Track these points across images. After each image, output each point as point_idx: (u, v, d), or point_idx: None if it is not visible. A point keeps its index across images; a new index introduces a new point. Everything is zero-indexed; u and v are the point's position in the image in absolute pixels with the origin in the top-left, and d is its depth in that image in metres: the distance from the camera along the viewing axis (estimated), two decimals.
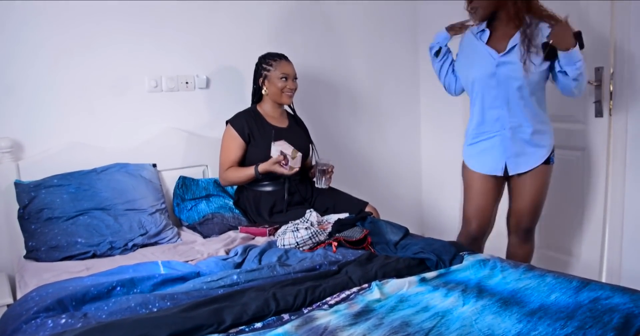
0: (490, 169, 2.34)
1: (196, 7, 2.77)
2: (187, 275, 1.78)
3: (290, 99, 2.61)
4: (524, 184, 2.33)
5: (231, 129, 2.55)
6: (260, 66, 2.62)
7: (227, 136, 2.57)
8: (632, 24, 2.39)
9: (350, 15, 3.30)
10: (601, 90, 2.55)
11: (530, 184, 2.32)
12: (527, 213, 2.37)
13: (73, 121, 2.52)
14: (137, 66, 2.66)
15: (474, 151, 2.38)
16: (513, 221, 2.43)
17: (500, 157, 2.31)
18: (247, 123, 2.55)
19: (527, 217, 2.38)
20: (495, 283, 1.66)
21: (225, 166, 2.55)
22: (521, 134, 2.27)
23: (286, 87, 2.56)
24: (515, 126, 2.26)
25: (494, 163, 2.33)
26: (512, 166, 2.31)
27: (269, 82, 2.58)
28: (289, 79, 2.57)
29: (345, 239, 2.06)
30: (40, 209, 2.23)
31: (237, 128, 2.54)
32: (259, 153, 2.53)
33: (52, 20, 2.43)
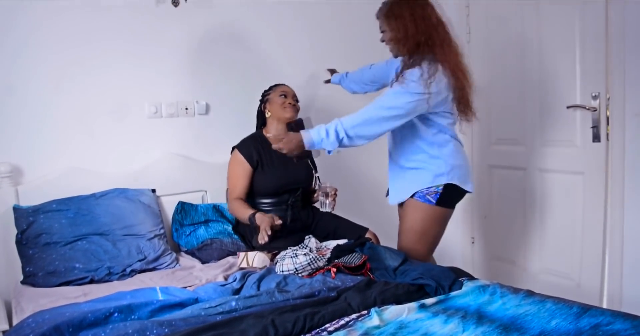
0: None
1: (196, 33, 2.81)
2: (185, 301, 1.77)
3: (293, 113, 2.59)
4: (404, 210, 2.38)
5: (238, 155, 2.54)
6: (262, 95, 2.69)
7: (233, 162, 2.56)
8: (627, 50, 2.42)
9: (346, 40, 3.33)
10: (598, 115, 2.57)
11: (406, 213, 2.36)
12: (400, 235, 2.39)
13: (72, 146, 2.54)
14: (137, 91, 2.68)
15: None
16: None
17: (390, 185, 2.48)
18: (255, 148, 2.55)
19: (400, 240, 2.39)
20: (495, 309, 1.65)
21: (233, 195, 2.53)
22: (396, 166, 2.40)
23: (285, 102, 2.58)
24: (390, 155, 2.44)
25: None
26: (391, 195, 2.44)
27: (270, 104, 2.62)
28: (288, 96, 2.61)
29: (344, 265, 2.05)
30: (38, 234, 2.23)
31: (244, 153, 2.54)
32: (266, 178, 2.54)
33: (51, 45, 2.46)
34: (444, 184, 2.26)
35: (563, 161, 2.81)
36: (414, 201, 2.31)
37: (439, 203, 2.27)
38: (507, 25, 3.04)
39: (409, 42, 2.20)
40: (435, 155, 2.28)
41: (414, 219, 2.33)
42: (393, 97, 2.14)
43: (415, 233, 2.35)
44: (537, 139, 2.95)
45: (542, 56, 2.86)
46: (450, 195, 2.30)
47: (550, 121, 2.86)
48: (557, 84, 2.79)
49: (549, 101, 2.84)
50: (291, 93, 2.64)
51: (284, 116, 2.59)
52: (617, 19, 2.44)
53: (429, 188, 2.27)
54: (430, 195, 2.27)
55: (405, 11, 2.19)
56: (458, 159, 2.31)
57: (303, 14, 3.17)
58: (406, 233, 2.37)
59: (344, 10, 3.31)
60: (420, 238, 2.35)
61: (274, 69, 2.99)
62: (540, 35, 2.85)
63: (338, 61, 3.30)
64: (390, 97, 2.15)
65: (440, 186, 2.26)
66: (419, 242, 2.36)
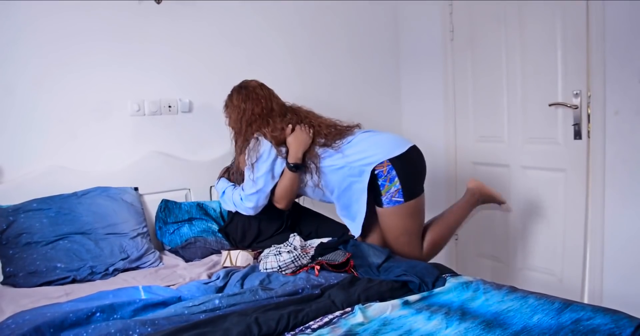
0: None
1: (179, 30, 2.79)
2: (169, 300, 1.76)
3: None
4: (381, 222, 2.36)
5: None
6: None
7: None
8: (608, 49, 2.45)
9: (332, 41, 3.34)
10: (579, 113, 2.60)
11: (384, 223, 2.34)
12: (392, 247, 2.35)
13: (54, 145, 2.50)
14: (120, 89, 2.66)
15: None
16: None
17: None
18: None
19: (394, 250, 2.34)
20: (478, 305, 1.66)
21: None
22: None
23: None
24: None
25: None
26: (351, 228, 2.43)
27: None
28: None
29: (328, 263, 2.05)
30: (18, 234, 2.19)
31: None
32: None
33: (33, 43, 2.43)
34: (397, 177, 2.24)
35: (545, 158, 2.84)
36: (384, 209, 2.29)
37: (406, 198, 2.26)
38: (490, 24, 3.06)
39: (236, 127, 2.40)
40: (332, 181, 2.33)
41: (394, 226, 2.31)
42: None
43: (402, 236, 2.32)
44: (520, 137, 2.97)
45: (524, 54, 2.88)
46: (407, 183, 2.25)
47: (532, 118, 2.89)
48: (539, 82, 2.82)
49: (531, 99, 2.87)
50: None
51: None
52: (597, 18, 2.47)
53: (389, 191, 2.25)
54: (395, 196, 2.25)
55: (231, 100, 2.45)
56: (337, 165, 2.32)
57: (287, 12, 3.16)
58: (396, 240, 2.33)
59: (333, 10, 3.33)
60: (411, 236, 2.34)
61: (258, 66, 2.99)
62: (522, 34, 2.87)
63: (321, 59, 3.31)
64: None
65: (396, 182, 2.23)
66: (411, 240, 2.35)
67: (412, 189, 2.28)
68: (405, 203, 2.26)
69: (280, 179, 2.38)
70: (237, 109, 2.40)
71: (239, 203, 2.40)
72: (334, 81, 3.35)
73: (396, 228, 2.31)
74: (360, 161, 2.27)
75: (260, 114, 2.36)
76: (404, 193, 2.25)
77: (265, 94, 2.41)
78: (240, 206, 2.41)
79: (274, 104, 2.41)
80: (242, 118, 2.37)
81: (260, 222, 2.52)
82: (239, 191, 2.41)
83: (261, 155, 2.31)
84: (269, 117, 2.37)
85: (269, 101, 2.40)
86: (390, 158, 2.25)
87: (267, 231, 2.52)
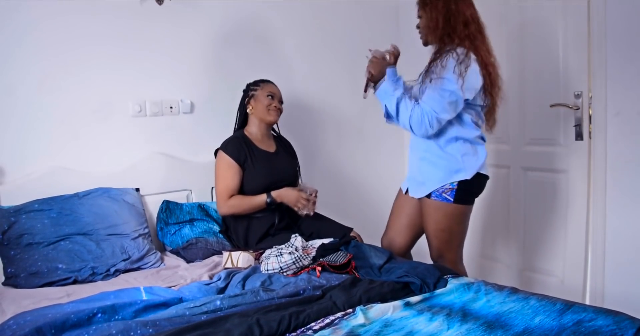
0: (403, 184, 2.49)
1: (180, 31, 2.79)
2: (170, 301, 1.76)
3: (276, 117, 2.62)
4: (424, 211, 2.35)
5: (226, 157, 2.51)
6: (247, 88, 2.67)
7: (222, 164, 2.52)
8: (609, 49, 2.45)
9: (333, 41, 3.34)
10: (581, 114, 2.59)
11: (428, 213, 2.32)
12: (429, 239, 2.37)
13: (56, 146, 2.51)
14: (121, 90, 2.66)
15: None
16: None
17: (407, 177, 2.47)
18: (241, 149, 2.54)
19: (430, 243, 2.38)
20: (479, 306, 1.66)
21: (226, 195, 2.50)
22: (413, 158, 2.38)
23: (272, 105, 2.58)
24: (413, 149, 2.39)
25: (405, 181, 2.48)
26: (410, 187, 2.42)
27: (255, 101, 2.60)
28: (275, 97, 2.60)
29: (329, 264, 2.05)
30: (20, 235, 2.20)
31: (231, 155, 2.51)
32: (252, 177, 2.52)
33: (36, 45, 2.43)
34: (457, 181, 2.23)
35: (546, 159, 2.83)
36: (431, 201, 2.28)
37: (456, 200, 2.25)
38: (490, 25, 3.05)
39: (438, 33, 2.22)
40: (452, 149, 2.24)
41: (436, 220, 2.30)
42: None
43: (443, 232, 2.32)
44: (521, 138, 2.97)
45: (525, 55, 2.88)
46: (466, 190, 2.26)
47: (533, 119, 2.89)
48: (540, 82, 2.82)
49: (533, 100, 2.86)
50: (278, 95, 2.64)
51: (267, 118, 2.59)
52: (598, 19, 2.47)
53: (444, 186, 2.24)
54: (446, 193, 2.25)
55: (440, 1, 2.21)
56: (474, 150, 2.27)
57: (290, 13, 3.16)
58: (435, 234, 2.33)
59: (334, 9, 3.32)
60: (449, 238, 2.33)
61: (260, 67, 2.99)
62: (523, 34, 2.87)
63: (328, 61, 3.31)
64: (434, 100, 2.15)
65: (455, 182, 2.23)
66: (449, 242, 2.34)
67: (464, 197, 2.27)
68: (453, 203, 2.25)
69: (250, 198, 2.48)
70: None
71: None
72: (335, 80, 3.35)
73: (438, 222, 2.30)
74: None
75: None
76: (456, 194, 2.24)
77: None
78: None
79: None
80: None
81: (258, 219, 2.53)
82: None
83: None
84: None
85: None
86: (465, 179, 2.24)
87: (269, 230, 2.52)
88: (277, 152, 2.66)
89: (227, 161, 2.51)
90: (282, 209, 2.54)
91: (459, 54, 2.13)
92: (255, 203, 2.48)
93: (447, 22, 2.19)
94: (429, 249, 2.41)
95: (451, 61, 2.13)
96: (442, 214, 2.28)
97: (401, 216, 2.48)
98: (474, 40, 2.19)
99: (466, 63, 2.13)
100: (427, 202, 2.30)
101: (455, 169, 2.23)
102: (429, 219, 2.32)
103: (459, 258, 2.43)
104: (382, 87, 2.24)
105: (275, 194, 2.47)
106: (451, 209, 2.26)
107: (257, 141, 2.61)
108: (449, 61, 2.13)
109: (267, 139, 2.67)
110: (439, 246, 2.35)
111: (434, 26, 2.22)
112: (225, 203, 2.50)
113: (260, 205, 2.48)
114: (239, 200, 2.49)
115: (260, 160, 2.55)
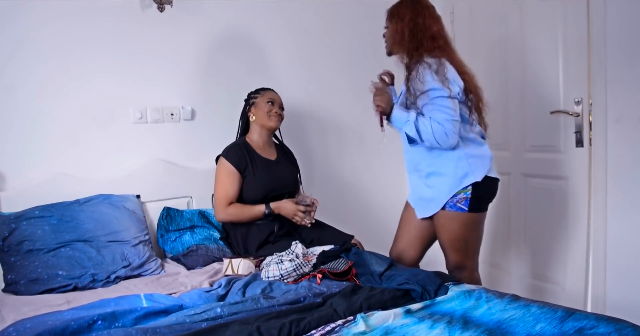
0: (409, 200, 2.47)
1: (181, 38, 2.80)
2: (170, 308, 1.75)
3: (277, 123, 2.62)
4: (437, 222, 2.32)
5: (227, 163, 2.52)
6: (248, 97, 2.68)
7: (222, 171, 2.53)
8: (608, 56, 2.46)
9: (334, 47, 3.34)
10: (581, 121, 2.60)
11: (441, 224, 2.30)
12: (446, 251, 2.36)
13: (57, 152, 2.51)
14: (122, 97, 2.67)
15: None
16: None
17: (412, 198, 2.44)
18: (242, 156, 2.54)
19: (447, 254, 2.36)
20: (480, 314, 1.65)
21: (225, 202, 2.50)
22: (414, 177, 2.37)
23: (272, 111, 2.59)
24: (412, 168, 2.37)
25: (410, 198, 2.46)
26: (417, 208, 2.39)
27: (255, 108, 2.62)
28: (275, 104, 2.61)
29: (330, 271, 2.05)
30: (20, 241, 2.19)
31: (232, 162, 2.52)
32: (253, 185, 2.53)
33: (36, 50, 2.44)
34: (471, 184, 2.21)
35: (547, 166, 2.83)
36: (445, 212, 2.25)
37: (471, 209, 2.22)
38: (491, 31, 3.07)
39: (405, 46, 2.22)
40: (456, 155, 2.22)
41: (452, 231, 2.28)
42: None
43: (459, 242, 2.30)
44: (521, 144, 2.97)
45: (525, 61, 2.89)
46: (480, 197, 2.24)
47: (534, 126, 2.89)
48: (540, 89, 2.82)
49: (533, 107, 2.87)
50: (278, 101, 2.65)
51: (268, 124, 2.60)
52: (598, 25, 2.48)
53: (457, 195, 2.22)
54: (461, 202, 2.22)
55: (407, 15, 2.22)
56: (478, 151, 2.26)
57: (291, 20, 3.17)
58: (451, 244, 2.31)
59: (334, 16, 3.33)
60: (466, 247, 2.32)
61: (260, 74, 3.00)
62: (523, 42, 2.88)
63: (328, 68, 3.32)
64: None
65: (468, 189, 2.21)
66: (466, 252, 2.33)
67: (478, 204, 2.25)
68: (467, 212, 2.23)
69: (248, 208, 2.48)
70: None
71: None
72: (336, 87, 3.35)
73: (453, 232, 2.28)
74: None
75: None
76: (471, 203, 2.22)
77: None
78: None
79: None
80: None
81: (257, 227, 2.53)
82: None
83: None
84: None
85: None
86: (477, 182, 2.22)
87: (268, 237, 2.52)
88: (278, 160, 2.67)
89: (227, 167, 2.51)
90: (281, 217, 2.54)
91: (431, 63, 2.14)
92: (253, 212, 2.48)
93: (414, 36, 2.20)
94: (446, 260, 2.39)
95: (426, 71, 2.13)
96: (456, 224, 2.26)
97: (410, 228, 2.45)
98: (443, 52, 2.21)
99: (443, 67, 2.13)
100: (440, 213, 2.28)
101: (463, 174, 2.21)
102: (443, 230, 2.30)
103: (475, 265, 2.42)
104: (395, 116, 2.21)
105: (273, 206, 2.47)
106: (465, 218, 2.24)
107: (258, 149, 2.61)
108: (424, 73, 2.13)
109: (269, 147, 2.67)
110: (456, 257, 2.33)
111: (400, 39, 2.23)
112: (223, 210, 2.50)
113: (258, 215, 2.48)
114: (237, 209, 2.50)
115: (260, 168, 2.55)
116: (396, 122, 2.22)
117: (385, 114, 2.22)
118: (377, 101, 2.21)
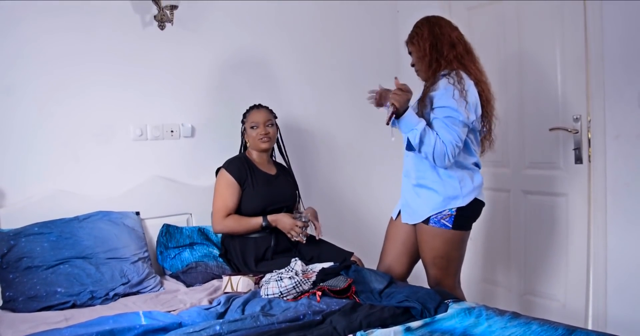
0: (394, 211, 2.47)
1: (181, 56, 2.82)
2: (169, 326, 1.74)
3: (268, 144, 2.63)
4: (420, 238, 2.33)
5: (227, 175, 2.53)
6: (242, 118, 2.71)
7: (222, 182, 2.54)
8: (607, 72, 2.47)
9: (333, 64, 3.36)
10: (580, 137, 2.60)
11: (424, 240, 2.31)
12: (427, 266, 2.35)
13: (56, 169, 2.52)
14: (123, 113, 2.68)
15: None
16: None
17: (400, 202, 2.44)
18: (242, 168, 2.56)
19: (428, 270, 2.36)
20: (480, 331, 1.65)
21: (223, 213, 2.51)
22: (407, 184, 2.38)
23: (258, 134, 2.60)
24: (407, 175, 2.38)
25: (397, 207, 2.46)
26: (403, 213, 2.40)
27: (246, 134, 2.65)
28: (259, 126, 2.61)
29: (330, 289, 2.04)
30: (19, 258, 2.19)
31: (233, 173, 2.53)
32: (252, 198, 2.53)
33: (36, 67, 2.46)
34: (456, 207, 2.23)
35: (546, 182, 2.84)
36: (429, 227, 2.27)
37: (455, 226, 2.23)
38: (489, 49, 3.08)
39: (426, 60, 2.25)
40: (450, 175, 2.24)
41: (434, 248, 2.28)
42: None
43: (441, 258, 2.29)
44: (521, 161, 2.98)
45: (524, 79, 2.91)
46: (464, 216, 2.25)
47: (533, 143, 2.89)
48: (539, 106, 2.83)
49: (532, 124, 2.88)
50: (263, 120, 2.62)
51: (260, 147, 2.63)
52: (596, 42, 2.50)
53: (442, 212, 2.23)
54: (445, 219, 2.23)
55: (425, 30, 2.26)
56: (471, 177, 2.27)
57: (291, 37, 3.20)
58: (433, 261, 2.31)
59: (333, 34, 3.36)
60: (447, 265, 2.32)
61: (260, 91, 3.01)
62: (522, 60, 2.90)
63: (328, 85, 3.33)
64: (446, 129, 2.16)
65: (453, 208, 2.22)
66: (447, 269, 2.32)
67: (463, 222, 2.26)
68: (451, 230, 2.24)
69: (246, 220, 2.49)
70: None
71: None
72: (335, 104, 3.37)
73: (436, 249, 2.28)
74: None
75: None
76: (455, 220, 2.23)
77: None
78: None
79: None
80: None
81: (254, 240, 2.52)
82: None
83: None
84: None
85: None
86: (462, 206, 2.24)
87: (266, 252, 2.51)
88: (278, 175, 2.67)
89: (227, 179, 2.52)
90: (278, 232, 2.54)
91: (451, 77, 2.17)
92: (250, 225, 2.49)
93: (434, 47, 2.23)
94: (427, 276, 2.39)
95: (447, 86, 2.15)
96: (440, 240, 2.26)
97: (396, 244, 2.45)
98: (462, 59, 2.23)
99: (462, 84, 2.15)
100: (424, 228, 2.29)
101: (453, 196, 2.23)
102: (425, 246, 2.31)
103: (457, 283, 2.41)
104: (405, 119, 2.20)
105: (271, 219, 2.48)
106: (449, 236, 2.25)
107: (258, 163, 2.63)
108: (446, 87, 2.15)
109: (267, 163, 2.69)
110: (437, 273, 2.33)
111: (423, 55, 2.26)
112: (221, 221, 2.51)
113: (255, 228, 2.49)
114: (235, 221, 2.50)
115: (260, 181, 2.56)
116: (403, 125, 2.21)
117: (396, 113, 2.21)
118: (394, 98, 2.20)
